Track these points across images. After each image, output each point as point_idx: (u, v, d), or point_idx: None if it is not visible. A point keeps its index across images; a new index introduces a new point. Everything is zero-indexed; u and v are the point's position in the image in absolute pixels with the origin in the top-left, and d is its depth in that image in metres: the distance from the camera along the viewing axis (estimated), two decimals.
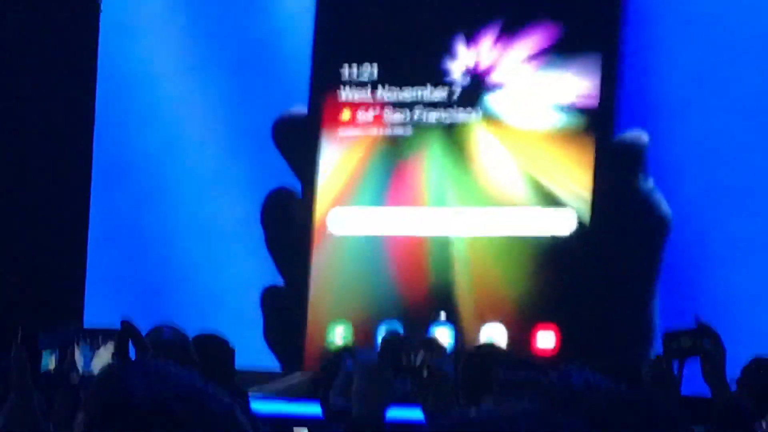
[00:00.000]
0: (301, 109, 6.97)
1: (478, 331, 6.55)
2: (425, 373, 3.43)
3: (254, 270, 7.11)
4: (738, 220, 6.84)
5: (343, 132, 6.94)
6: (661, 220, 6.43)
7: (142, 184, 8.26)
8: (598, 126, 6.54)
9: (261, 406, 6.01)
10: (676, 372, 4.11)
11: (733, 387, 4.48)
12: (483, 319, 6.62)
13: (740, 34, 6.84)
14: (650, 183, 6.46)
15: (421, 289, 6.82)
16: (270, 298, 6.91)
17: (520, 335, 6.51)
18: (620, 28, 6.59)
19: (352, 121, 6.95)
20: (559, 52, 6.57)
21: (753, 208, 6.84)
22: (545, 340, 6.49)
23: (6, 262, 8.81)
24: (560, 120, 6.59)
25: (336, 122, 6.94)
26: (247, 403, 4.99)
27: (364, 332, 6.69)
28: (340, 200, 6.92)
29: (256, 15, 7.78)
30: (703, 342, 4.15)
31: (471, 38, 6.74)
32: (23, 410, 2.78)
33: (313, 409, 5.01)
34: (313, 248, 6.92)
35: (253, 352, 7.09)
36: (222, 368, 4.85)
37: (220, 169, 7.57)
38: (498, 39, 6.69)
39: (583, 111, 6.53)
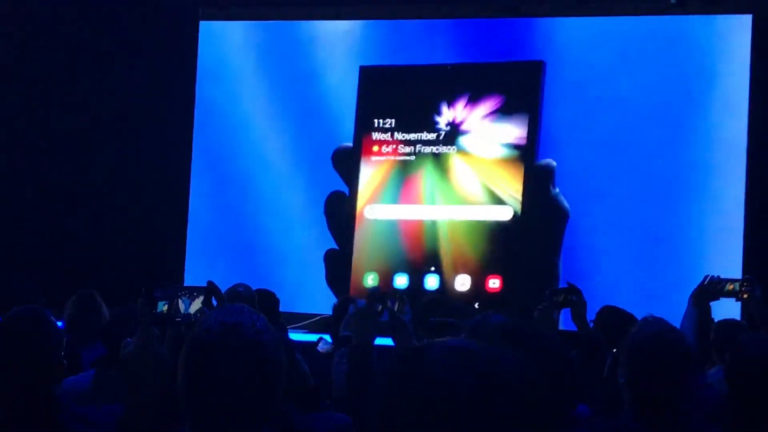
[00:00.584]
0: (349, 144, 9.36)
1: (454, 279, 8.99)
2: (393, 318, 4.23)
3: (318, 241, 9.44)
4: (606, 215, 8.95)
5: (374, 158, 9.30)
6: (563, 212, 8.80)
7: (236, 191, 10.12)
8: (526, 156, 8.84)
9: (295, 336, 7.81)
10: (555, 316, 5.23)
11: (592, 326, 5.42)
12: (456, 271, 9.01)
13: (607, 100, 8.96)
14: (556, 189, 8.79)
15: (420, 253, 9.12)
16: (330, 257, 9.30)
17: (478, 281, 8.93)
18: (539, 100, 8.89)
19: (379, 152, 9.30)
20: (503, 112, 8.97)
21: (617, 209, 8.91)
22: (494, 284, 8.90)
23: (134, 242, 10.52)
24: (504, 152, 8.94)
25: (370, 152, 9.29)
26: (286, 332, 6.46)
27: (384, 278, 9.10)
28: (372, 199, 9.25)
29: (320, 82, 9.80)
30: (571, 297, 5.10)
31: (451, 103, 9.12)
32: (146, 339, 3.07)
33: (326, 337, 6.73)
34: (355, 227, 9.25)
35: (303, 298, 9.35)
36: (271, 311, 6.19)
37: (296, 181, 9.74)
38: (467, 104, 9.09)
39: (517, 147, 8.89)
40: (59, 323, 5.13)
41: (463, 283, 9.00)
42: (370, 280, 9.17)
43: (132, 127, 10.73)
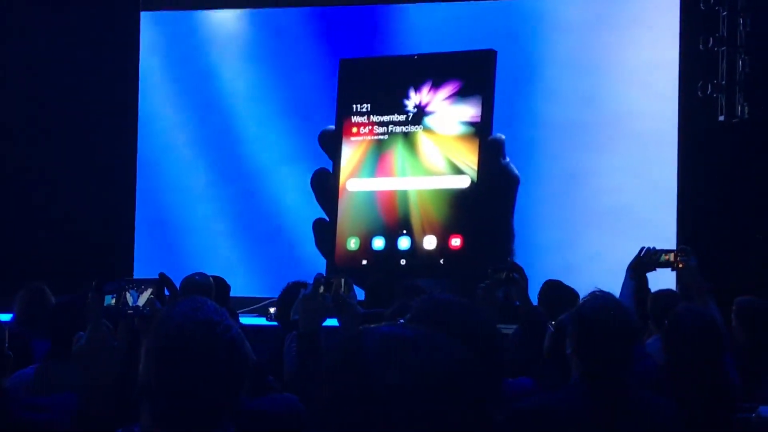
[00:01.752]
0: (332, 126, 10.34)
1: (422, 239, 9.98)
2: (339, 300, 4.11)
3: (308, 210, 10.39)
4: (548, 182, 10.12)
5: (353, 138, 10.29)
6: (513, 179, 9.85)
7: (183, 178, 11.07)
8: (481, 131, 9.82)
9: (246, 320, 8.01)
10: (497, 293, 5.16)
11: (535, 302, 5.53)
12: (425, 233, 9.99)
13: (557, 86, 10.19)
14: (507, 159, 9.81)
15: (394, 218, 10.09)
16: (318, 225, 10.29)
17: (443, 240, 9.89)
18: (492, 84, 9.88)
19: (358, 133, 10.27)
20: (461, 95, 9.98)
21: (556, 176, 10.13)
22: (456, 242, 9.86)
23: (82, 233, 10.78)
24: (462, 129, 9.94)
25: (350, 133, 10.29)
26: (236, 316, 6.30)
27: (364, 241, 10.14)
28: (352, 174, 10.22)
29: (304, 74, 10.93)
30: (513, 274, 5.15)
31: (417, 88, 10.16)
32: (99, 332, 2.96)
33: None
34: (339, 198, 10.21)
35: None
36: (223, 298, 6.38)
37: (289, 156, 10.83)
38: (431, 89, 10.10)
39: (473, 124, 9.88)
40: (9, 316, 5.58)
41: (430, 242, 10.12)
42: (353, 244, 10.29)
43: (77, 118, 11.06)
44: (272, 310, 6.82)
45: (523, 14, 10.59)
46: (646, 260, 5.57)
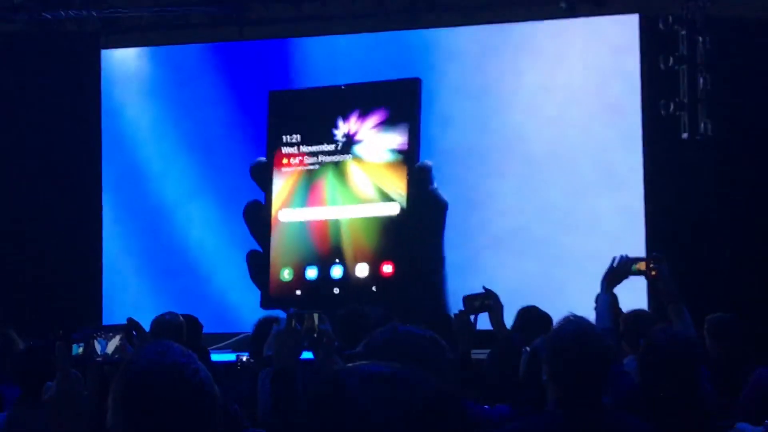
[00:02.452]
0: (263, 158, 10.46)
1: (354, 267, 10.10)
2: (315, 334, 4.14)
3: (241, 243, 10.50)
4: (474, 205, 10.33)
5: (285, 169, 10.40)
6: (441, 204, 9.96)
7: (148, 218, 11.24)
8: (409, 159, 10.00)
9: (217, 356, 8.12)
10: (472, 319, 5.35)
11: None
12: (357, 261, 10.11)
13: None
14: (434, 185, 9.95)
15: (326, 247, 10.22)
16: (251, 257, 10.37)
17: (375, 268, 10.05)
18: (417, 111, 10.06)
19: (288, 164, 10.39)
20: (388, 123, 10.14)
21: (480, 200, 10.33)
22: (387, 269, 10.02)
23: (49, 277, 10.94)
24: (390, 157, 10.09)
25: (281, 164, 10.40)
26: (208, 354, 6.52)
27: (298, 271, 10.23)
28: (284, 204, 10.31)
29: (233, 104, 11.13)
30: (488, 302, 5.38)
31: (345, 118, 10.30)
32: (67, 382, 2.92)
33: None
34: (272, 229, 10.30)
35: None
36: (195, 337, 6.38)
37: (217, 190, 10.96)
38: (359, 118, 10.25)
39: (401, 152, 10.05)
40: None
41: (362, 270, 10.24)
42: (287, 274, 10.40)
43: (39, 158, 11.23)
44: (244, 359, 6.51)
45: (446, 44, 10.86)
46: (620, 269, 5.49)
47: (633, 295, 6.68)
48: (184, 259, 11.16)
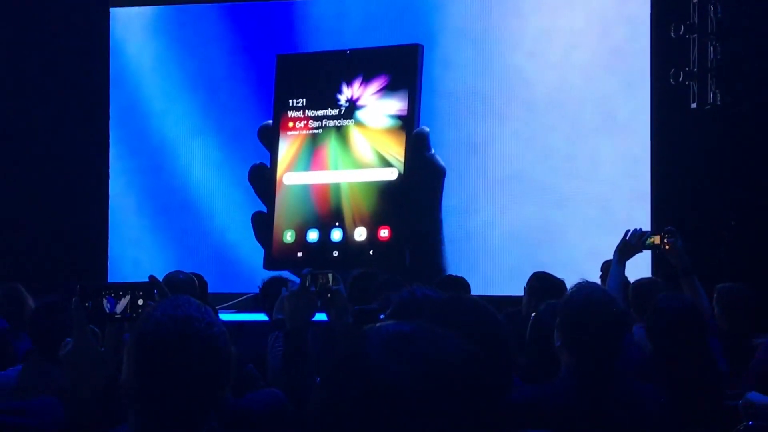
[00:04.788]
0: (269, 121, 10.57)
1: (353, 231, 10.19)
2: (329, 295, 4.05)
3: (247, 204, 10.69)
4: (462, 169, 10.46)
5: (290, 133, 10.54)
6: (439, 169, 10.05)
7: (154, 178, 11.41)
8: (407, 125, 10.03)
9: (225, 316, 7.93)
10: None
11: None
12: (356, 225, 10.23)
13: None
14: (432, 151, 10.02)
15: (327, 211, 10.32)
16: (256, 217, 10.47)
17: (372, 232, 10.15)
18: (417, 78, 10.07)
19: (294, 128, 10.52)
20: (389, 89, 10.20)
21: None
22: (384, 233, 10.11)
23: (55, 233, 11.10)
24: (390, 123, 10.15)
25: (286, 128, 10.53)
26: (217, 314, 6.40)
27: (299, 234, 10.37)
28: (289, 168, 10.46)
29: (245, 73, 11.30)
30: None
31: (349, 83, 10.37)
32: (84, 338, 2.84)
33: (256, 317, 7.14)
34: (276, 191, 10.41)
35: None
36: (201, 295, 6.36)
37: (227, 152, 11.19)
38: (361, 83, 10.33)
39: (400, 117, 10.10)
40: None
41: (360, 234, 10.36)
42: (289, 237, 10.57)
43: (48, 118, 11.38)
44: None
45: None
46: (633, 242, 5.51)
47: (637, 271, 6.78)
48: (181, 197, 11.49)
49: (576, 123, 10.36)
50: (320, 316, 4.11)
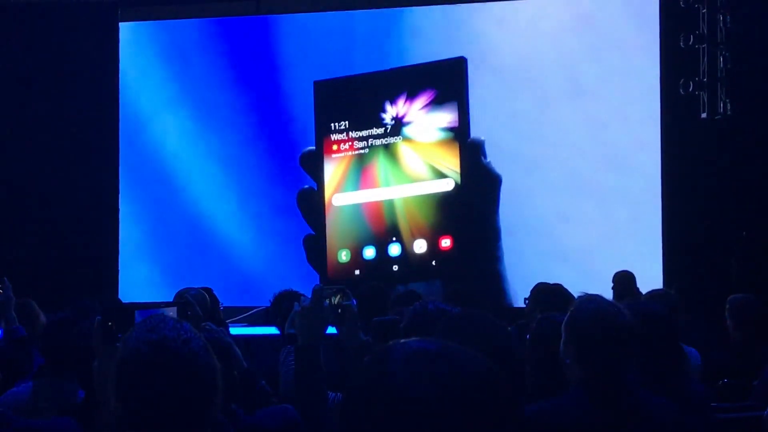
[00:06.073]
0: (312, 147, 10.78)
1: (412, 244, 10.39)
2: (339, 310, 4.03)
3: (297, 229, 10.73)
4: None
5: (335, 156, 10.72)
6: (495, 177, 10.26)
7: (163, 194, 11.35)
8: (460, 135, 10.31)
9: (236, 330, 8.02)
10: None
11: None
12: (414, 238, 10.42)
13: None
14: (488, 159, 10.25)
15: (382, 227, 10.50)
16: (308, 241, 10.64)
17: (433, 243, 10.37)
18: (465, 89, 10.37)
19: (338, 150, 10.71)
20: (436, 102, 10.44)
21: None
22: (446, 243, 10.34)
23: (66, 249, 10.97)
24: (441, 135, 10.39)
25: (330, 151, 10.73)
26: (227, 327, 6.34)
27: (355, 252, 10.50)
28: (337, 189, 10.65)
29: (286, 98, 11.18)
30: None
31: (393, 101, 10.59)
32: (106, 357, 2.72)
33: (267, 330, 7.19)
34: (326, 214, 10.63)
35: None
36: (212, 309, 6.20)
37: (270, 178, 11.14)
38: (406, 100, 10.54)
39: (452, 129, 10.36)
40: None
41: (420, 246, 10.50)
42: (344, 256, 10.64)
43: (58, 134, 11.35)
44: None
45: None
46: None
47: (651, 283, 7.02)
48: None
49: (541, 88, 10.63)
50: (333, 330, 4.12)
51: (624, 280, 7.91)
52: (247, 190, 11.03)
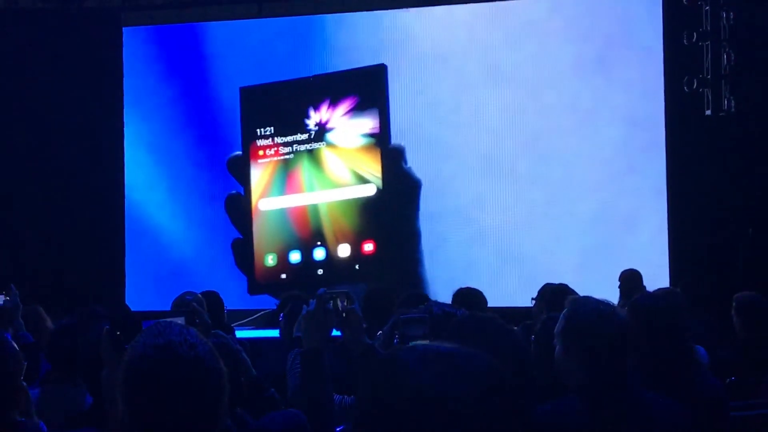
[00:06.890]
0: (238, 152, 10.98)
1: (336, 248, 10.59)
2: (344, 314, 3.95)
3: (225, 233, 10.90)
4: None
5: (260, 161, 10.91)
6: (415, 183, 10.51)
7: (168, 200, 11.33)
8: (381, 141, 10.57)
9: (241, 333, 7.88)
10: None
11: None
12: (338, 242, 10.65)
13: None
14: (407, 165, 10.52)
15: (307, 231, 10.72)
16: (236, 245, 10.85)
17: (356, 247, 10.61)
18: (385, 96, 10.59)
19: (264, 155, 10.90)
20: (358, 109, 10.67)
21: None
22: (368, 247, 10.59)
23: (72, 256, 11.03)
24: (363, 141, 10.63)
25: (257, 156, 10.92)
26: (233, 332, 6.40)
27: (281, 256, 10.67)
28: (263, 194, 10.85)
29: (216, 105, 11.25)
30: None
31: (316, 107, 10.81)
32: (114, 368, 2.64)
33: (272, 333, 6.92)
34: (253, 218, 10.85)
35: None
36: (217, 313, 6.16)
37: (198, 183, 11.17)
38: (329, 106, 10.76)
39: (373, 135, 10.61)
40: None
41: (344, 250, 10.72)
42: (270, 260, 10.86)
43: (62, 140, 11.37)
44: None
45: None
46: None
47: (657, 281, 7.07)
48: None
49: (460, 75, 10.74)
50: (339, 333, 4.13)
51: (631, 279, 7.94)
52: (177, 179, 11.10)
